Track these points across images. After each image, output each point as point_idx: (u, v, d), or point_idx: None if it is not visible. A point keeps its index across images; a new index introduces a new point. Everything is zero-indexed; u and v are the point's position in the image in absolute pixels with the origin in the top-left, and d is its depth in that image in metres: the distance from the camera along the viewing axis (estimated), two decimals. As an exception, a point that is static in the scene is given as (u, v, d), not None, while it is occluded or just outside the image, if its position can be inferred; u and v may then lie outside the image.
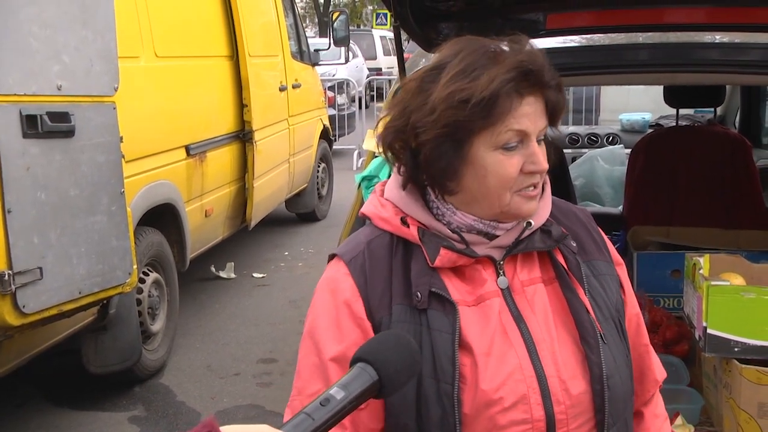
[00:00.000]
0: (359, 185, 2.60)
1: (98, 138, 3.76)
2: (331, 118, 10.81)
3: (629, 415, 1.44)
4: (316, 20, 34.20)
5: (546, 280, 1.42)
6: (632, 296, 1.54)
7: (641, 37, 2.81)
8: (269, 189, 7.01)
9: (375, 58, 22.52)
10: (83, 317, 4.16)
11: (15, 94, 3.30)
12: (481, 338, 1.35)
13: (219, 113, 6.07)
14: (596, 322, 1.39)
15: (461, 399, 1.32)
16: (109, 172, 3.84)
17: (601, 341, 1.37)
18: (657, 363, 1.59)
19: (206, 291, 6.55)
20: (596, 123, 9.15)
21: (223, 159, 6.04)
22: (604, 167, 6.15)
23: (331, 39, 9.21)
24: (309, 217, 8.86)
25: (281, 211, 8.56)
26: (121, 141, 3.94)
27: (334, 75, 13.84)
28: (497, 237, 1.41)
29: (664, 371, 1.61)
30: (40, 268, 3.39)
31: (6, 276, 3.22)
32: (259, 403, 4.61)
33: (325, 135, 9.05)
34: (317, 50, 9.01)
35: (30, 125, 3.36)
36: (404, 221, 1.41)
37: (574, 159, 6.41)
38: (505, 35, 1.40)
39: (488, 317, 1.37)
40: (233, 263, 7.05)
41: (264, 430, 1.00)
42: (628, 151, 4.55)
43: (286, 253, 7.71)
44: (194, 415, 4.49)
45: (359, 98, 12.98)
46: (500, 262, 1.40)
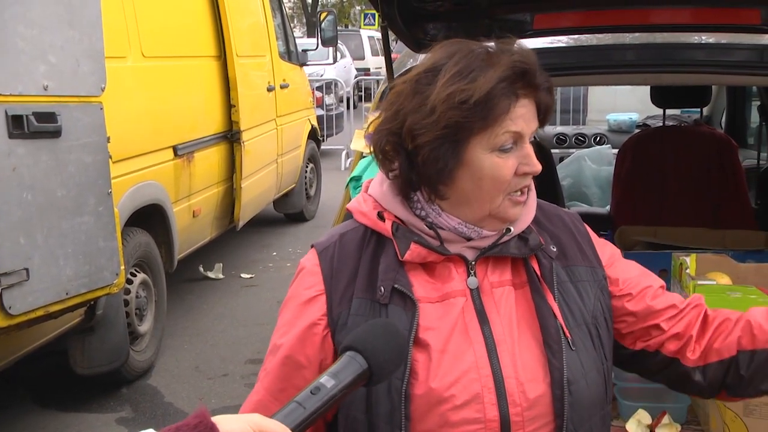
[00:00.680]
0: (347, 185, 2.60)
1: (85, 138, 3.74)
2: (319, 119, 10.80)
3: (596, 423, 1.42)
4: (304, 20, 34.16)
5: (516, 284, 1.42)
6: (639, 282, 1.50)
7: (628, 38, 2.82)
8: (257, 189, 6.99)
9: (363, 59, 22.53)
10: (70, 318, 4.14)
11: (0, 95, 3.29)
12: (439, 335, 1.36)
13: (207, 113, 6.06)
14: (564, 328, 1.38)
15: (410, 394, 1.33)
16: (96, 173, 3.82)
17: (568, 347, 1.37)
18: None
19: (194, 291, 6.53)
20: (584, 123, 9.19)
21: (211, 159, 6.03)
22: (592, 167, 6.17)
23: (319, 39, 9.20)
24: (297, 218, 8.85)
25: (269, 212, 8.55)
26: (108, 141, 3.92)
27: (322, 75, 13.84)
28: (475, 239, 1.41)
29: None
30: (27, 269, 3.37)
31: (-8, 277, 3.21)
32: (248, 404, 4.59)
33: (313, 135, 9.04)
34: (305, 50, 9.00)
35: (16, 125, 3.34)
36: (381, 216, 1.42)
37: (562, 159, 6.44)
38: (495, 36, 1.40)
39: (449, 314, 1.37)
40: (221, 264, 7.04)
41: (256, 419, 1.01)
42: (616, 151, 4.57)
43: (275, 254, 7.70)
44: (182, 416, 4.47)
45: (347, 98, 12.98)
46: (472, 263, 1.41)
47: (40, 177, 3.48)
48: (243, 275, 6.98)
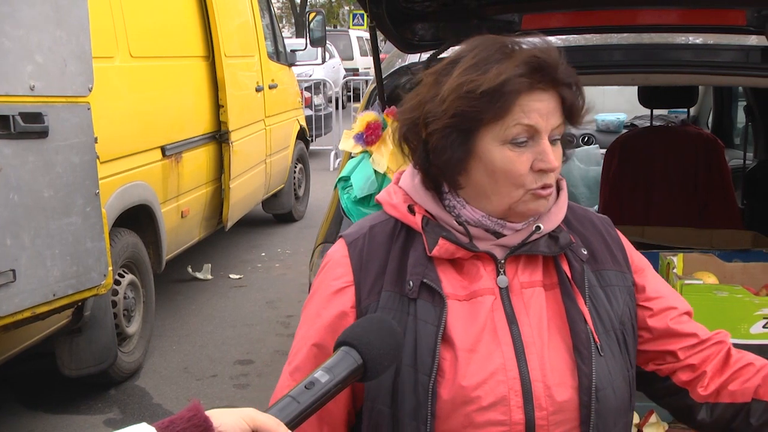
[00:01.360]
0: (336, 186, 2.60)
1: (72, 139, 3.73)
2: (308, 119, 10.79)
3: (620, 430, 1.41)
4: (293, 21, 34.12)
5: (547, 285, 1.41)
6: (667, 296, 1.48)
7: (616, 38, 2.83)
8: (246, 190, 6.98)
9: (352, 59, 22.52)
10: (57, 319, 4.12)
11: (-13, 95, 3.27)
12: (467, 334, 1.35)
13: (195, 114, 6.04)
14: (593, 333, 1.36)
15: (437, 392, 1.32)
16: (84, 173, 3.81)
17: (596, 352, 1.35)
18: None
19: (183, 292, 6.51)
20: (572, 123, 9.18)
21: (200, 160, 6.01)
22: (580, 167, 6.19)
23: (308, 39, 9.19)
24: (286, 218, 8.84)
25: (258, 212, 8.54)
26: (96, 142, 3.91)
27: (311, 75, 13.83)
28: (504, 236, 1.40)
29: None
30: (13, 271, 3.35)
31: (-22, 278, 3.19)
32: (237, 405, 4.58)
33: (302, 135, 9.03)
34: (294, 51, 8.98)
35: (2, 126, 3.32)
36: (411, 209, 1.42)
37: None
38: (518, 32, 1.41)
39: (477, 314, 1.36)
40: (210, 264, 7.02)
41: (250, 413, 1.01)
42: (604, 151, 4.59)
43: (263, 254, 7.69)
44: (171, 418, 4.46)
45: (336, 99, 12.97)
46: (501, 261, 1.39)
47: (27, 178, 3.46)
48: (232, 276, 6.97)
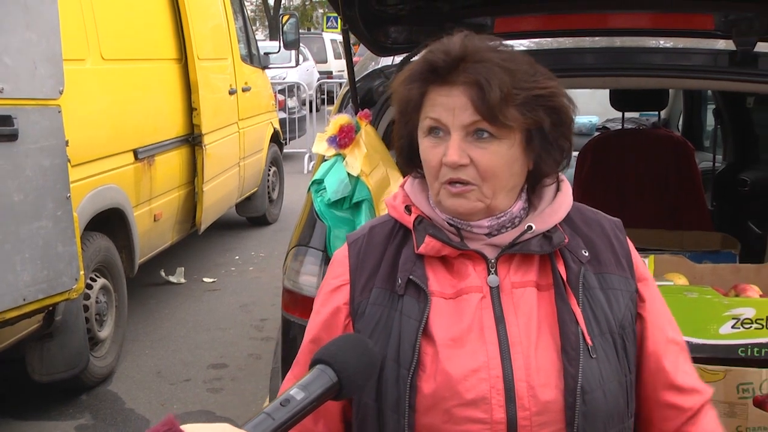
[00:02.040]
0: (309, 189, 2.60)
1: (43, 142, 3.69)
2: (282, 122, 10.76)
3: None
4: (266, 23, 34.02)
5: (542, 286, 1.40)
6: (658, 317, 1.46)
7: (587, 42, 2.86)
8: (219, 193, 6.95)
9: (326, 62, 22.50)
10: (28, 324, 4.07)
11: (-45, 97, 3.24)
12: (449, 331, 1.36)
13: (168, 117, 6.01)
14: (585, 335, 1.35)
15: (418, 386, 1.34)
16: (55, 177, 3.77)
17: (587, 354, 1.34)
18: (693, 381, 1.48)
19: (156, 296, 6.47)
20: (544, 126, 9.24)
21: (172, 163, 5.98)
22: (553, 170, 6.22)
23: (281, 42, 9.17)
24: (260, 221, 8.81)
25: (232, 215, 8.50)
26: (67, 145, 3.87)
27: (285, 78, 13.79)
28: (494, 236, 1.41)
29: (709, 389, 1.50)
30: (-17, 275, 3.32)
31: (-53, 283, 3.15)
32: (210, 409, 4.57)
33: (276, 138, 9.01)
34: (267, 53, 8.96)
35: (-29, 129, 3.29)
36: (408, 209, 1.47)
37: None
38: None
39: (463, 312, 1.37)
40: (183, 268, 6.98)
41: (225, 429, 1.00)
42: (576, 154, 4.62)
43: (237, 258, 7.66)
44: (143, 422, 4.43)
45: (310, 102, 12.95)
46: (492, 261, 1.40)
47: (-3, 181, 3.42)
48: (205, 279, 6.93)
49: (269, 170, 8.79)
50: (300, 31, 9.66)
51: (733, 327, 2.13)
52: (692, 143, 4.19)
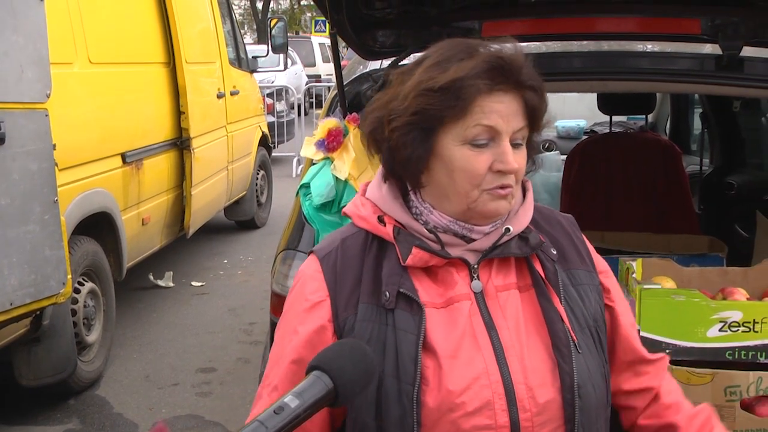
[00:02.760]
0: (298, 193, 2.60)
1: (30, 145, 3.67)
2: (270, 125, 10.74)
3: (601, 426, 1.42)
4: (255, 27, 33.99)
5: (522, 287, 1.41)
6: (624, 303, 1.53)
7: (575, 46, 2.87)
8: (208, 197, 6.94)
9: (314, 65, 22.49)
10: (15, 329, 4.05)
11: (-58, 101, 3.22)
12: (447, 341, 1.35)
13: (156, 120, 5.99)
14: (571, 331, 1.38)
15: (422, 401, 1.32)
16: (42, 181, 3.75)
17: (575, 350, 1.36)
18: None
19: (144, 300, 6.44)
20: (533, 130, 9.26)
21: (161, 166, 5.96)
22: (541, 173, 6.23)
23: (270, 46, 9.16)
24: (248, 225, 8.78)
25: (220, 219, 8.48)
26: (54, 149, 3.86)
27: (273, 82, 13.77)
28: (474, 240, 1.40)
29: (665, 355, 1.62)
30: (-31, 280, 3.30)
31: (-67, 288, 3.13)
32: (199, 413, 4.55)
33: (264, 142, 8.99)
34: (255, 57, 8.95)
35: (-42, 132, 3.27)
36: (381, 219, 1.41)
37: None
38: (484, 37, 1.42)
39: (456, 320, 1.36)
40: (171, 272, 6.95)
41: None
42: (564, 158, 4.64)
43: (225, 261, 7.64)
44: (131, 427, 4.41)
45: (298, 105, 12.94)
46: (474, 266, 1.40)
47: (-17, 185, 3.41)
48: (194, 283, 6.91)
49: (258, 174, 8.77)
50: (288, 35, 9.65)
51: (721, 330, 2.14)
52: (679, 147, 4.21)
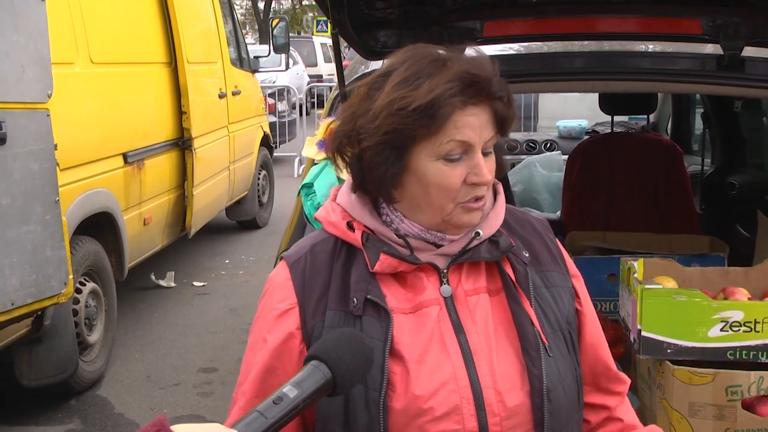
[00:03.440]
0: (299, 193, 2.59)
1: (31, 145, 3.68)
2: (272, 125, 10.75)
3: (574, 428, 1.42)
4: (256, 27, 33.98)
5: (492, 291, 1.41)
6: (591, 310, 1.51)
7: (576, 46, 2.87)
8: (209, 197, 6.94)
9: (316, 65, 22.49)
10: (16, 329, 4.05)
11: (-57, 101, 3.22)
12: (415, 346, 1.34)
13: (157, 120, 5.99)
14: (541, 334, 1.37)
15: (389, 407, 1.31)
16: (43, 181, 3.76)
17: (545, 353, 1.36)
18: (619, 372, 1.57)
19: (145, 300, 6.45)
20: (534, 130, 9.28)
21: (162, 166, 5.96)
22: (543, 173, 6.24)
23: (271, 46, 9.16)
24: (250, 225, 8.79)
25: (222, 219, 8.48)
26: (56, 149, 3.86)
27: (275, 82, 13.77)
28: (444, 245, 1.40)
29: (627, 378, 1.59)
30: (-29, 280, 3.30)
31: (-66, 288, 3.13)
32: (200, 413, 4.55)
33: (266, 142, 9.00)
34: (257, 57, 8.95)
35: (-41, 132, 3.27)
36: (350, 225, 1.40)
37: (513, 165, 6.50)
38: (447, 43, 1.40)
39: (424, 325, 1.36)
40: (173, 272, 6.96)
41: (216, 429, 1.00)
42: (566, 158, 4.63)
43: (227, 261, 7.64)
44: (133, 427, 4.41)
45: (300, 105, 12.94)
46: (444, 271, 1.39)
47: (-15, 185, 3.41)
48: (195, 283, 6.91)
49: (259, 174, 8.78)
50: (290, 35, 9.66)
51: (722, 330, 2.13)
52: (681, 147, 4.20)
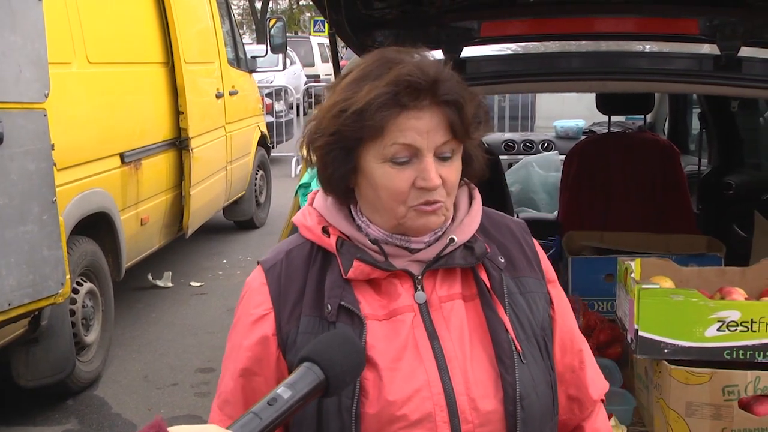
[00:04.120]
0: (296, 193, 2.60)
1: (28, 145, 3.67)
2: (269, 125, 10.75)
3: None
4: (253, 27, 33.97)
5: (466, 297, 1.40)
6: (564, 315, 1.50)
7: (573, 46, 2.87)
8: (206, 197, 6.93)
9: (313, 65, 22.49)
10: (13, 329, 4.05)
11: (-60, 101, 3.22)
12: (388, 353, 1.34)
13: (154, 120, 5.99)
14: (515, 341, 1.37)
15: (361, 413, 1.31)
16: (40, 181, 3.75)
17: (519, 360, 1.35)
18: (595, 379, 1.55)
19: (143, 300, 6.44)
20: (532, 130, 9.29)
21: (159, 167, 5.96)
22: (540, 173, 6.25)
23: (269, 46, 9.16)
24: (247, 225, 8.79)
25: (219, 219, 8.48)
26: (53, 149, 3.86)
27: (272, 82, 13.77)
28: (419, 251, 1.39)
29: (606, 384, 1.58)
30: (-32, 280, 3.29)
31: (-69, 288, 3.13)
32: (197, 413, 4.55)
33: (263, 142, 9.00)
34: (254, 57, 8.95)
35: (-44, 132, 3.27)
36: (326, 230, 1.40)
37: (510, 165, 6.50)
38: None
39: (398, 332, 1.35)
40: (170, 272, 6.96)
41: (212, 430, 1.00)
42: (563, 158, 4.64)
43: (224, 261, 7.64)
44: (130, 427, 4.41)
45: (297, 105, 12.96)
46: (418, 277, 1.39)
47: (-18, 185, 3.40)
48: (192, 283, 6.91)
49: (256, 174, 8.78)
50: (287, 35, 9.66)
51: (719, 330, 2.14)
52: (678, 147, 4.20)
